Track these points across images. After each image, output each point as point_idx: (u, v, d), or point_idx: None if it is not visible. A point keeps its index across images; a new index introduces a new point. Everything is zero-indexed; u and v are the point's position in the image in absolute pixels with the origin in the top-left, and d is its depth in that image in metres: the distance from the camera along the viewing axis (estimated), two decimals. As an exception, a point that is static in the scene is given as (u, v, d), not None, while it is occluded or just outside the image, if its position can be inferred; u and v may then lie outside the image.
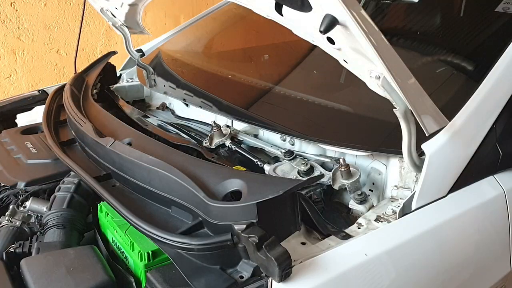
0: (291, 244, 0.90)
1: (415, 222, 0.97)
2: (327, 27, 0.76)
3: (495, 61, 1.09)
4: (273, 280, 0.79)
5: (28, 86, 2.95)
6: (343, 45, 0.84)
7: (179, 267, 0.86)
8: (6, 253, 1.06)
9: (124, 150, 1.09)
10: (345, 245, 0.90)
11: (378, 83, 0.84)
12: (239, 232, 0.80)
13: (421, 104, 0.88)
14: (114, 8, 1.60)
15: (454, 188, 1.03)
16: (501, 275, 1.09)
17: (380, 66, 0.80)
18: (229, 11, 1.94)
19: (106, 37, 3.14)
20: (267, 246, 0.77)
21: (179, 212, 0.97)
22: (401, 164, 1.05)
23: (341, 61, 0.94)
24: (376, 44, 0.77)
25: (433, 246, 0.98)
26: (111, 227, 1.09)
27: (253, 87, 1.53)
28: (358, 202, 1.05)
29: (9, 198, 1.27)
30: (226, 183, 0.93)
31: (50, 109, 1.50)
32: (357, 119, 1.27)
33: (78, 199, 1.19)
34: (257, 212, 0.82)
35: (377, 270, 0.87)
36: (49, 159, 1.36)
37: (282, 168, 1.18)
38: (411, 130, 0.92)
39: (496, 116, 1.08)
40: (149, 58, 1.84)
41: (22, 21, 2.83)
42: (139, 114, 1.58)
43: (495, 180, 1.10)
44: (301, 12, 0.87)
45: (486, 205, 1.07)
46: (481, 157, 1.06)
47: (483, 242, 1.07)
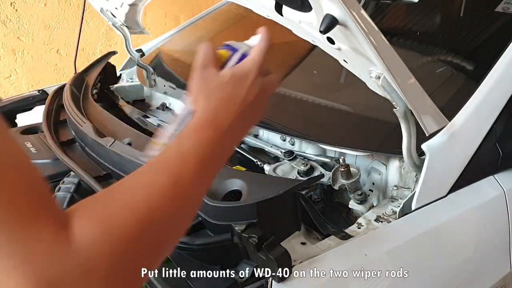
0: (291, 244, 0.90)
1: (415, 222, 0.97)
2: (327, 27, 0.76)
3: (495, 61, 1.09)
4: (273, 280, 0.79)
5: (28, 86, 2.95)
6: (343, 45, 0.84)
7: (179, 267, 0.86)
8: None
9: (124, 150, 1.09)
10: (345, 245, 0.90)
11: (378, 83, 0.84)
12: (239, 232, 0.80)
13: (421, 104, 0.88)
14: (114, 8, 1.60)
15: (454, 188, 1.03)
16: (501, 275, 1.09)
17: (380, 66, 0.80)
18: (229, 11, 1.94)
19: (106, 37, 3.14)
20: (267, 246, 0.77)
21: (179, 212, 0.97)
22: (401, 164, 1.05)
23: (341, 61, 0.93)
24: (376, 44, 0.77)
25: (433, 246, 0.98)
26: (111, 227, 1.09)
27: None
28: (358, 202, 1.05)
29: (9, 198, 1.27)
30: (226, 183, 0.93)
31: (50, 109, 1.50)
32: (357, 119, 1.27)
33: (78, 199, 1.19)
34: (257, 212, 0.82)
35: (377, 270, 0.87)
36: (49, 159, 1.36)
37: (282, 168, 1.18)
38: (411, 130, 0.92)
39: (496, 116, 1.08)
40: (149, 58, 1.84)
41: (22, 21, 2.83)
42: (139, 114, 1.58)
43: (495, 180, 1.09)
44: (301, 12, 0.87)
45: (486, 205, 1.07)
46: (481, 157, 1.06)
47: (483, 242, 1.07)
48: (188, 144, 0.54)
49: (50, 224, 0.39)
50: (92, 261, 0.40)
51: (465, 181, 1.04)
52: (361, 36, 0.75)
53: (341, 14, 0.74)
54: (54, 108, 1.52)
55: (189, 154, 0.52)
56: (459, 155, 1.03)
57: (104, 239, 0.41)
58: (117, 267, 0.42)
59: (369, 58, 0.81)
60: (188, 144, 0.54)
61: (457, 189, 1.03)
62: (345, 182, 1.06)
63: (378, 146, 1.11)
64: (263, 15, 1.13)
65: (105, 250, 0.41)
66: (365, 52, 0.79)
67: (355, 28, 0.74)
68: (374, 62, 0.80)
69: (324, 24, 0.76)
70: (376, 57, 0.78)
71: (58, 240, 0.39)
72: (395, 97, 0.86)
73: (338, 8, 0.73)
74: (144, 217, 0.45)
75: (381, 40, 0.79)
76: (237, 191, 0.91)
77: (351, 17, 0.73)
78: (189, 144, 0.54)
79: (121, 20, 1.65)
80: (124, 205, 0.45)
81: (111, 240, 0.41)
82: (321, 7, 0.77)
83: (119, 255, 0.42)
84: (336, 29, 0.76)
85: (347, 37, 0.80)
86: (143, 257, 0.45)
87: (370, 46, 0.76)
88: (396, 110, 0.89)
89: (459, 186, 1.03)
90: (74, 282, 0.39)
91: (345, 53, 0.87)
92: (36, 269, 0.37)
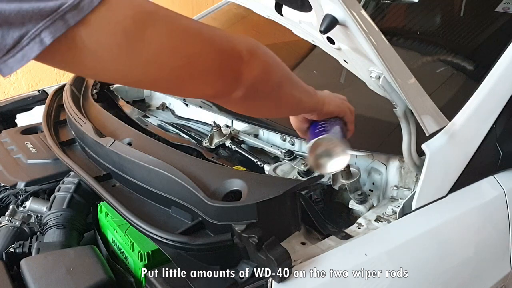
0: (291, 244, 0.90)
1: (415, 222, 0.97)
2: (327, 27, 0.76)
3: (495, 61, 1.09)
4: (273, 280, 0.79)
5: (28, 86, 2.95)
6: (343, 45, 0.84)
7: (178, 267, 0.86)
8: (6, 253, 1.06)
9: (124, 150, 1.09)
10: (345, 245, 0.90)
11: (378, 83, 0.84)
12: (239, 232, 0.80)
13: (421, 104, 0.88)
14: (114, 8, 1.60)
15: (454, 188, 1.03)
16: (501, 275, 1.09)
17: (380, 66, 0.80)
18: (229, 11, 1.94)
19: (106, 37, 3.14)
20: (267, 246, 0.77)
21: (179, 212, 0.97)
22: (401, 164, 1.05)
23: (341, 61, 0.94)
24: (376, 44, 0.77)
25: (433, 246, 0.98)
26: (111, 227, 1.09)
27: (253, 87, 1.53)
28: (358, 202, 1.04)
29: (9, 198, 1.27)
30: (226, 183, 0.93)
31: (50, 109, 1.50)
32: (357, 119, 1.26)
33: (78, 199, 1.19)
34: (257, 212, 0.82)
35: (377, 270, 0.87)
36: (49, 159, 1.36)
37: (282, 168, 1.18)
38: (411, 130, 0.92)
39: (496, 116, 1.08)
40: (149, 58, 1.84)
41: (22, 21, 2.83)
42: (139, 114, 1.58)
43: (495, 180, 1.09)
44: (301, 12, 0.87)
45: (486, 205, 1.07)
46: (481, 157, 1.06)
47: (483, 242, 1.07)
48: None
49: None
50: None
51: (465, 181, 1.04)
52: (361, 36, 0.75)
53: (341, 14, 0.74)
54: (54, 108, 1.52)
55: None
56: (459, 155, 1.03)
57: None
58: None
59: (369, 58, 0.81)
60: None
61: (457, 189, 1.03)
62: (345, 182, 1.06)
63: (378, 146, 1.11)
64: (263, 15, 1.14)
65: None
66: (365, 52, 0.79)
67: (355, 28, 0.74)
68: (374, 62, 0.80)
69: (324, 24, 0.76)
70: (376, 57, 0.78)
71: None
72: (395, 97, 0.86)
73: (338, 8, 0.73)
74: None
75: (381, 40, 0.79)
76: (237, 191, 0.91)
77: (351, 17, 0.73)
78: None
79: (121, 20, 1.64)
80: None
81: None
82: (321, 7, 0.77)
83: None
84: (336, 29, 0.76)
85: (347, 37, 0.80)
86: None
87: (370, 46, 0.76)
88: (396, 110, 0.89)
89: (459, 186, 1.03)
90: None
91: (345, 53, 0.87)
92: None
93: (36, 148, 1.42)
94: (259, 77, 0.66)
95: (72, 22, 0.45)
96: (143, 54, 0.52)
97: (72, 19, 0.45)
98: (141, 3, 0.52)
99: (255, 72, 0.65)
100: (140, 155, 1.04)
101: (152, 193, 1.02)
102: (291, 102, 0.79)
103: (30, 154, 1.38)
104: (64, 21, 0.45)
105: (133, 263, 1.02)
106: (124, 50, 0.50)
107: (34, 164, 1.35)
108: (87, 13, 0.46)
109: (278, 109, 0.80)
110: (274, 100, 0.74)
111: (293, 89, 0.77)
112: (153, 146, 1.12)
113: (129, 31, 0.50)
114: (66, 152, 1.27)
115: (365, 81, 0.91)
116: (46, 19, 0.44)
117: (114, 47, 0.50)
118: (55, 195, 1.20)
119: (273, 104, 0.75)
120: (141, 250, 0.97)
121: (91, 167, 1.21)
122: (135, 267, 1.01)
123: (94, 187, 1.08)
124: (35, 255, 1.03)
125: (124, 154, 1.07)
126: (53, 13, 0.44)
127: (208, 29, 0.60)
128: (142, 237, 0.97)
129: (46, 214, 1.15)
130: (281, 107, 0.79)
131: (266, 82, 0.69)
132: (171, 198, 0.97)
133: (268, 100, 0.73)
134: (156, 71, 0.55)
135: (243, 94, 0.65)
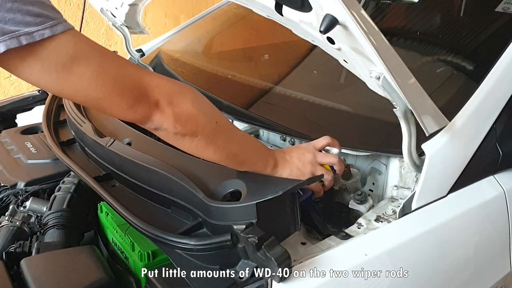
0: (291, 244, 0.90)
1: (415, 222, 0.97)
2: (327, 27, 0.76)
3: (495, 61, 1.09)
4: (273, 280, 0.79)
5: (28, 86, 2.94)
6: (343, 45, 0.84)
7: (178, 267, 0.86)
8: (6, 253, 1.06)
9: (123, 150, 1.09)
10: (345, 245, 0.90)
11: (378, 83, 0.84)
12: (239, 232, 0.80)
13: (421, 104, 0.88)
14: (114, 8, 1.60)
15: (454, 188, 1.03)
16: (501, 275, 1.09)
17: (380, 66, 0.80)
18: (229, 11, 1.94)
19: (106, 37, 3.14)
20: (266, 246, 0.77)
21: (179, 213, 0.97)
22: (401, 164, 1.05)
23: (341, 61, 0.93)
24: (376, 44, 0.77)
25: (433, 246, 0.98)
26: (111, 227, 1.09)
27: (253, 87, 1.53)
28: (358, 202, 1.04)
29: (9, 198, 1.27)
30: (226, 183, 0.93)
31: (50, 109, 1.50)
32: (357, 119, 1.27)
33: (78, 199, 1.19)
34: (257, 212, 0.82)
35: (377, 270, 0.87)
36: (49, 159, 1.36)
37: (282, 168, 1.17)
38: (411, 130, 0.92)
39: (496, 116, 1.08)
40: (149, 58, 1.84)
41: (22, 21, 2.83)
42: (139, 114, 1.58)
43: (495, 180, 1.09)
44: (301, 12, 0.87)
45: (486, 205, 1.07)
46: (481, 157, 1.06)
47: (483, 242, 1.07)
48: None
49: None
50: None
51: (465, 181, 1.04)
52: (361, 36, 0.75)
53: (341, 14, 0.74)
54: (54, 108, 1.52)
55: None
56: (459, 155, 1.03)
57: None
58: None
59: (369, 58, 0.81)
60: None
61: (457, 189, 1.03)
62: (345, 182, 1.06)
63: (378, 146, 1.11)
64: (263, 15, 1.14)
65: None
66: (365, 52, 0.79)
67: (355, 28, 0.74)
68: (374, 62, 0.80)
69: (324, 24, 0.76)
70: (376, 57, 0.77)
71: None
72: (395, 97, 0.86)
73: (338, 8, 0.73)
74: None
75: (381, 40, 0.79)
76: (236, 191, 0.92)
77: (351, 17, 0.73)
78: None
79: (121, 20, 1.65)
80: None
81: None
82: (321, 7, 0.77)
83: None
84: (336, 29, 0.76)
85: (347, 37, 0.80)
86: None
87: (370, 46, 0.76)
88: (396, 110, 0.89)
89: (459, 186, 1.03)
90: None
91: (345, 53, 0.87)
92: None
93: (36, 148, 1.42)
94: (177, 123, 0.78)
95: (24, 42, 0.62)
96: (71, 85, 0.69)
97: (25, 40, 0.63)
98: (83, 47, 0.69)
99: (170, 119, 0.77)
100: (139, 155, 1.04)
101: (152, 193, 1.02)
102: (224, 153, 0.87)
103: (30, 154, 1.38)
104: (18, 41, 0.62)
105: (133, 263, 1.02)
106: (59, 77, 0.67)
107: (34, 164, 1.35)
108: (36, 40, 0.63)
109: (215, 157, 0.87)
110: (203, 148, 0.84)
111: (228, 143, 0.86)
112: (152, 146, 1.12)
113: (65, 65, 0.67)
114: (66, 152, 1.27)
115: (365, 81, 0.91)
116: (6, 35, 0.62)
117: (52, 73, 0.66)
118: (55, 195, 1.20)
119: (205, 151, 0.85)
120: (141, 250, 0.97)
121: (91, 167, 1.21)
122: (135, 267, 1.01)
123: (94, 187, 1.08)
124: (35, 255, 1.03)
125: (124, 154, 1.07)
126: (12, 33, 0.62)
127: (127, 78, 0.74)
128: (142, 237, 0.98)
129: (46, 214, 1.15)
130: (216, 156, 0.86)
131: (184, 129, 0.79)
132: (171, 198, 0.97)
133: (198, 147, 0.83)
134: (82, 98, 0.73)
135: (169, 135, 0.80)
